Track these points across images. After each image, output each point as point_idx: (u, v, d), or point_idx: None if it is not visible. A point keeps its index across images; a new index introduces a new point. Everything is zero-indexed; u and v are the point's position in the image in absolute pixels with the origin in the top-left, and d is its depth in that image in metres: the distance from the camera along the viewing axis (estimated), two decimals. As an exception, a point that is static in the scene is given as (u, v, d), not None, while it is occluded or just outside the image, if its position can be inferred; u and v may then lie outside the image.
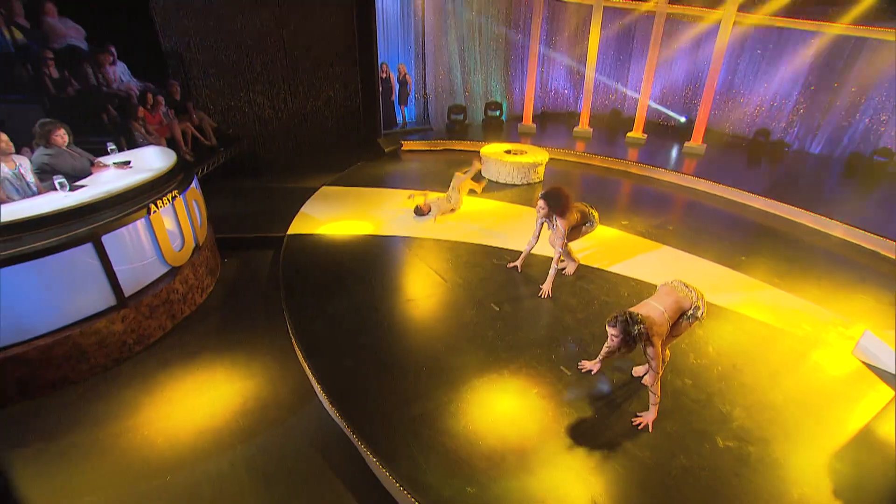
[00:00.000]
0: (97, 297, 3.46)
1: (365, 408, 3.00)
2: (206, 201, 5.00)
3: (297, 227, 5.55)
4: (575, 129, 9.97)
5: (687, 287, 3.02)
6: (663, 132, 10.36)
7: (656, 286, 3.20)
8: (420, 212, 5.88)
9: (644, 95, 9.45)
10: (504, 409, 3.04)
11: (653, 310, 2.88)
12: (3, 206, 3.39)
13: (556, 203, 4.07)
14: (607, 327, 2.79)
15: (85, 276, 3.37)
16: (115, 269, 3.46)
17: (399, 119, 10.43)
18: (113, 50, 6.56)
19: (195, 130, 6.91)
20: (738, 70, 9.97)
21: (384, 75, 9.88)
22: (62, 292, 3.28)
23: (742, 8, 8.43)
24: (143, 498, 2.56)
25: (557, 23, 10.77)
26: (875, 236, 5.67)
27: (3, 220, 3.10)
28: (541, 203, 4.11)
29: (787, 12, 8.45)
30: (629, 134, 9.62)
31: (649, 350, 2.72)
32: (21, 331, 3.10)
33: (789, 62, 9.09)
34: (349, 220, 5.80)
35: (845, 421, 3.06)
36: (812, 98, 9.14)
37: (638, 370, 3.39)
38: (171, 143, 6.42)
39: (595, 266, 4.89)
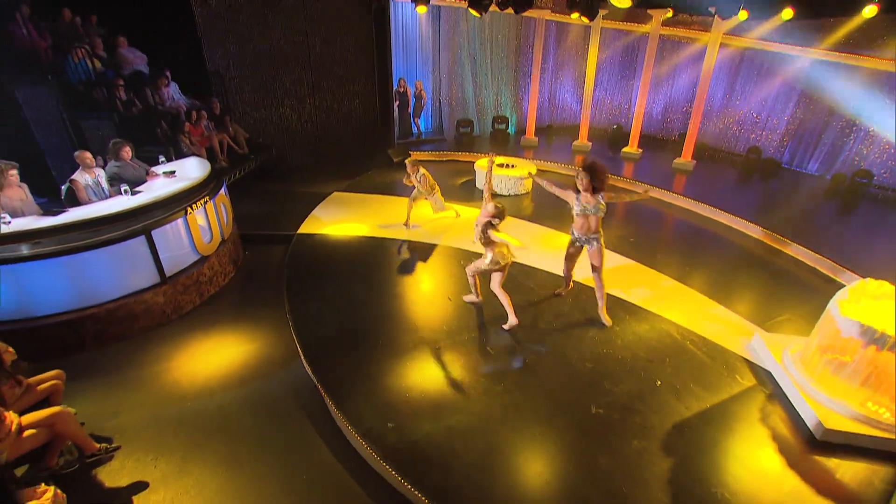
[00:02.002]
0: (146, 276, 4.67)
1: (330, 366, 4.03)
2: (236, 201, 6.20)
3: (307, 227, 6.68)
4: (574, 143, 10.69)
5: None
6: (660, 147, 10.91)
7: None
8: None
9: (639, 111, 10.05)
10: (431, 375, 3.99)
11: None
12: (86, 207, 4.65)
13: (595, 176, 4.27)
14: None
15: (139, 260, 4.58)
16: (160, 255, 4.65)
17: (414, 130, 11.47)
18: (168, 73, 7.91)
19: (230, 141, 8.20)
20: (735, 88, 10.38)
21: (402, 90, 10.94)
22: (123, 271, 4.50)
23: (733, 31, 8.94)
24: (168, 415, 3.69)
25: (563, 41, 11.49)
26: (818, 256, 6.19)
27: (88, 217, 4.33)
28: (582, 174, 4.26)
29: (779, 35, 8.89)
30: (624, 149, 10.25)
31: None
32: (96, 297, 4.34)
33: (782, 81, 9.48)
34: (351, 222, 6.88)
35: (703, 399, 3.82)
36: (805, 117, 9.48)
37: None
38: (210, 152, 7.71)
39: (542, 268, 5.70)
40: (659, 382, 4.00)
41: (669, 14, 9.07)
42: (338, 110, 10.14)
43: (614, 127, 11.80)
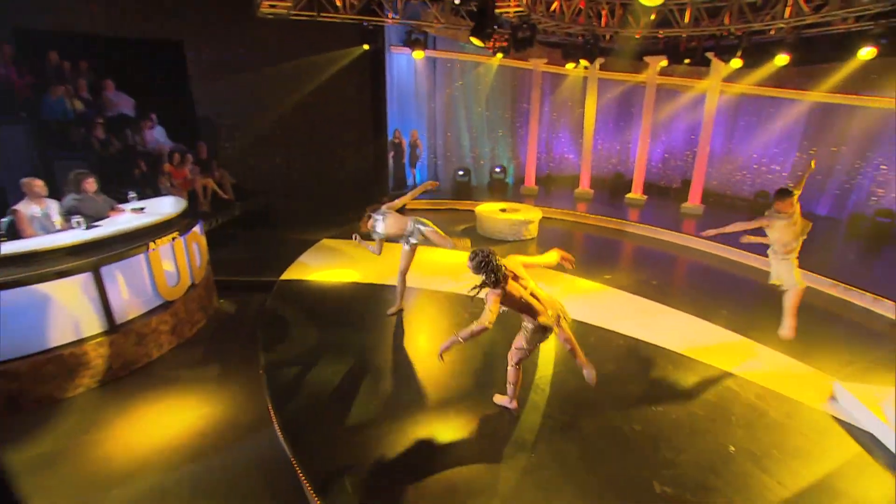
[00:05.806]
0: (89, 322, 3.83)
1: (310, 435, 3.14)
2: (217, 248, 5.50)
3: (291, 273, 5.93)
4: (576, 190, 10.33)
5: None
6: (663, 194, 10.58)
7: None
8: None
9: (640, 158, 9.79)
10: (442, 446, 3.10)
11: (528, 282, 3.07)
12: (26, 241, 3.92)
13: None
14: (468, 262, 2.93)
15: (81, 302, 3.77)
16: (109, 297, 3.86)
17: (409, 180, 11.09)
18: (154, 117, 7.52)
19: (215, 186, 7.65)
20: (736, 133, 10.23)
21: (397, 140, 10.69)
22: (59, 315, 3.67)
23: (728, 78, 8.92)
24: (89, 506, 2.74)
25: (557, 92, 11.54)
26: (868, 294, 5.54)
27: (20, 251, 3.59)
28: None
29: (774, 82, 8.88)
30: (628, 195, 9.88)
31: (488, 297, 2.85)
32: (17, 348, 3.47)
33: (783, 126, 9.35)
34: (340, 268, 6.14)
35: (796, 472, 2.95)
36: (809, 160, 9.25)
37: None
38: (193, 196, 7.13)
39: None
40: (732, 448, 3.14)
41: (664, 63, 9.07)
42: (331, 160, 9.78)
43: (614, 174, 11.55)
